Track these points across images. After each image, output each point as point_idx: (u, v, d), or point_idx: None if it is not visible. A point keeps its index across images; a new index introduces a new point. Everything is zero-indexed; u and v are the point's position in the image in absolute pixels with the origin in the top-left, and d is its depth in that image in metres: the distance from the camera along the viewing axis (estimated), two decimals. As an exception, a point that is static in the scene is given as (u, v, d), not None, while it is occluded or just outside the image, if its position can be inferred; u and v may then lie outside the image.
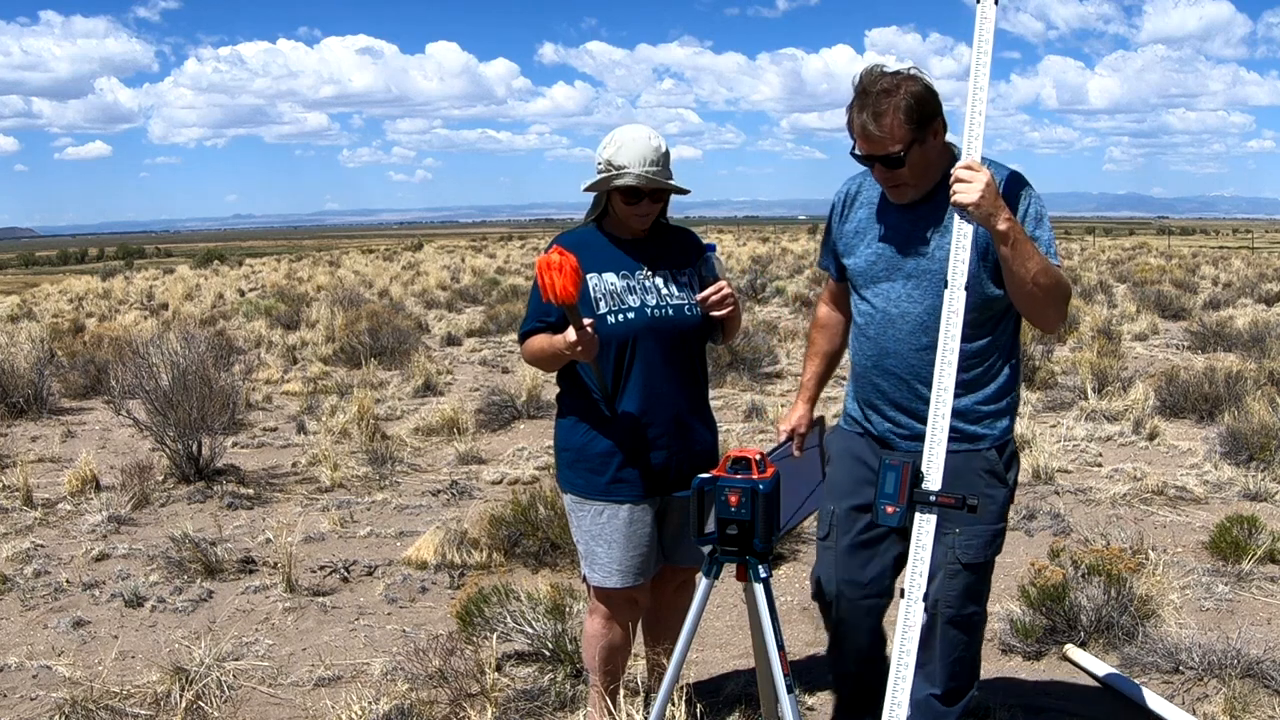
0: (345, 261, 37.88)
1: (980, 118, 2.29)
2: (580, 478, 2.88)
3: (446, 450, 7.25)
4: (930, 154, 2.44)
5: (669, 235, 2.96)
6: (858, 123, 2.41)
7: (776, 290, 19.23)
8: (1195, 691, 3.37)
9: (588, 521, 2.87)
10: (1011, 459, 2.64)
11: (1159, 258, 32.30)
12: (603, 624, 2.95)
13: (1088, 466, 6.48)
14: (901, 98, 2.37)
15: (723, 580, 2.65)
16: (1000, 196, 2.29)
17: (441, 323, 15.72)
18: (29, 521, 5.66)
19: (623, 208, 2.79)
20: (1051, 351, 10.85)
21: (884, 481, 2.23)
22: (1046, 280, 2.36)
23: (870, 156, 2.44)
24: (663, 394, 2.82)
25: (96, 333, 13.29)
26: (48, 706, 3.47)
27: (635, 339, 2.78)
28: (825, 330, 2.90)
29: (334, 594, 4.60)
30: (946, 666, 2.62)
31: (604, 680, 3.00)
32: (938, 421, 2.26)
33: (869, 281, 2.61)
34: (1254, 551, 4.50)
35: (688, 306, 2.84)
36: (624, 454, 2.81)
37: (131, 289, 25.90)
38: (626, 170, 2.72)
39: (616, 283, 2.81)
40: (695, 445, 2.89)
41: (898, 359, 2.56)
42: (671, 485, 2.85)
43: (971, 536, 2.53)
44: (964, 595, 2.57)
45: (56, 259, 74.46)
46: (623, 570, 2.84)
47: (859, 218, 2.65)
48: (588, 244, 2.85)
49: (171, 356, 6.67)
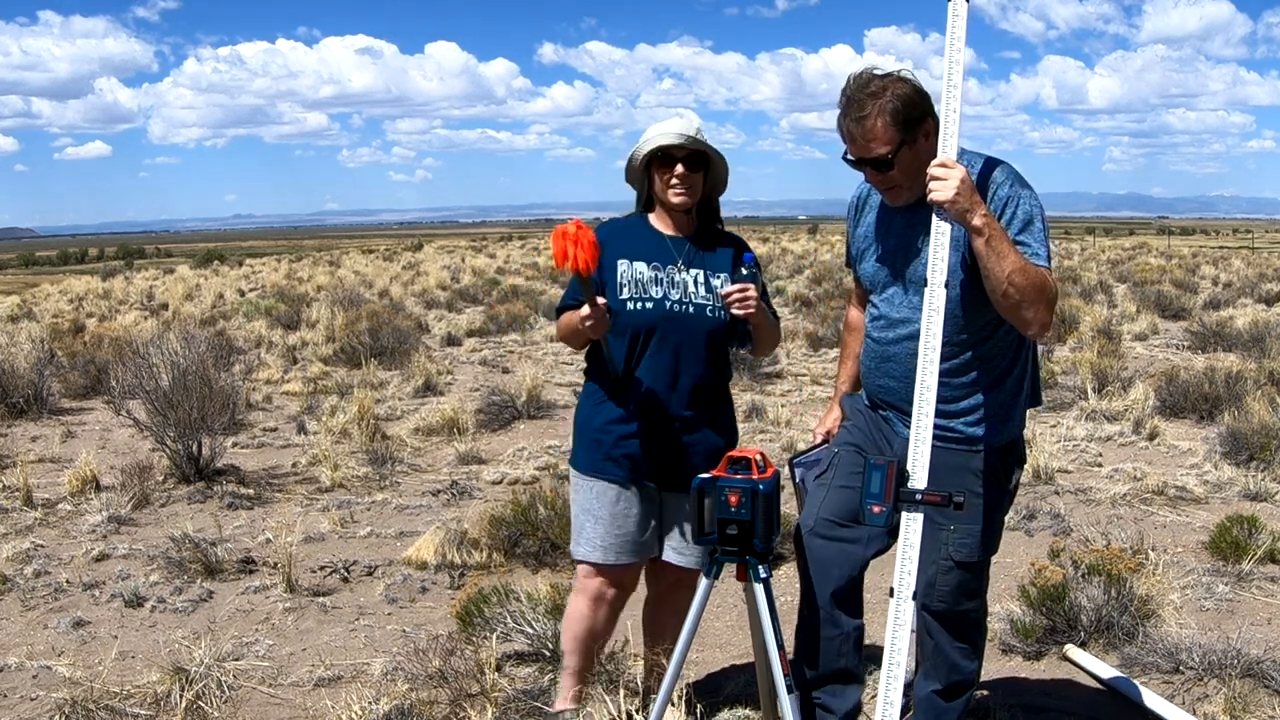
0: (345, 261, 37.88)
1: (955, 115, 2.30)
2: (582, 450, 2.96)
3: (446, 450, 7.25)
4: (922, 155, 2.43)
5: (715, 238, 2.97)
6: (846, 127, 2.44)
7: (777, 290, 19.24)
8: (1195, 691, 3.37)
9: (582, 495, 2.94)
10: (1016, 462, 2.63)
11: (1159, 258, 32.31)
12: (585, 605, 2.98)
13: (1088, 466, 6.48)
14: (888, 100, 2.38)
15: (723, 580, 2.65)
16: (976, 192, 2.30)
17: (441, 323, 15.73)
18: (29, 521, 5.66)
19: (660, 181, 2.83)
20: (1051, 351, 10.86)
21: (869, 481, 2.23)
22: (1023, 280, 2.32)
23: (860, 160, 2.46)
24: (668, 388, 2.84)
25: (96, 333, 13.29)
26: (48, 706, 3.46)
27: (650, 329, 2.83)
28: (856, 333, 2.90)
29: (334, 594, 4.60)
30: (946, 663, 2.63)
31: (576, 662, 3.03)
32: (922, 420, 2.26)
33: (875, 287, 2.66)
34: (1254, 551, 4.50)
35: (711, 308, 2.85)
36: (620, 434, 2.86)
37: (131, 289, 25.90)
38: (656, 136, 2.79)
39: (645, 272, 2.85)
40: (699, 444, 2.88)
41: (897, 364, 2.57)
42: (670, 480, 2.86)
43: (966, 535, 2.53)
44: (958, 592, 2.57)
45: (56, 259, 74.49)
46: (605, 547, 2.88)
47: (868, 222, 2.69)
48: (630, 230, 2.92)
49: (171, 357, 6.67)
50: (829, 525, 2.58)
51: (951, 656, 2.62)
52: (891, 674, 2.19)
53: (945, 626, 2.59)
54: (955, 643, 2.62)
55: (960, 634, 2.63)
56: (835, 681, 2.63)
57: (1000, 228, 2.35)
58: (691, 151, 2.80)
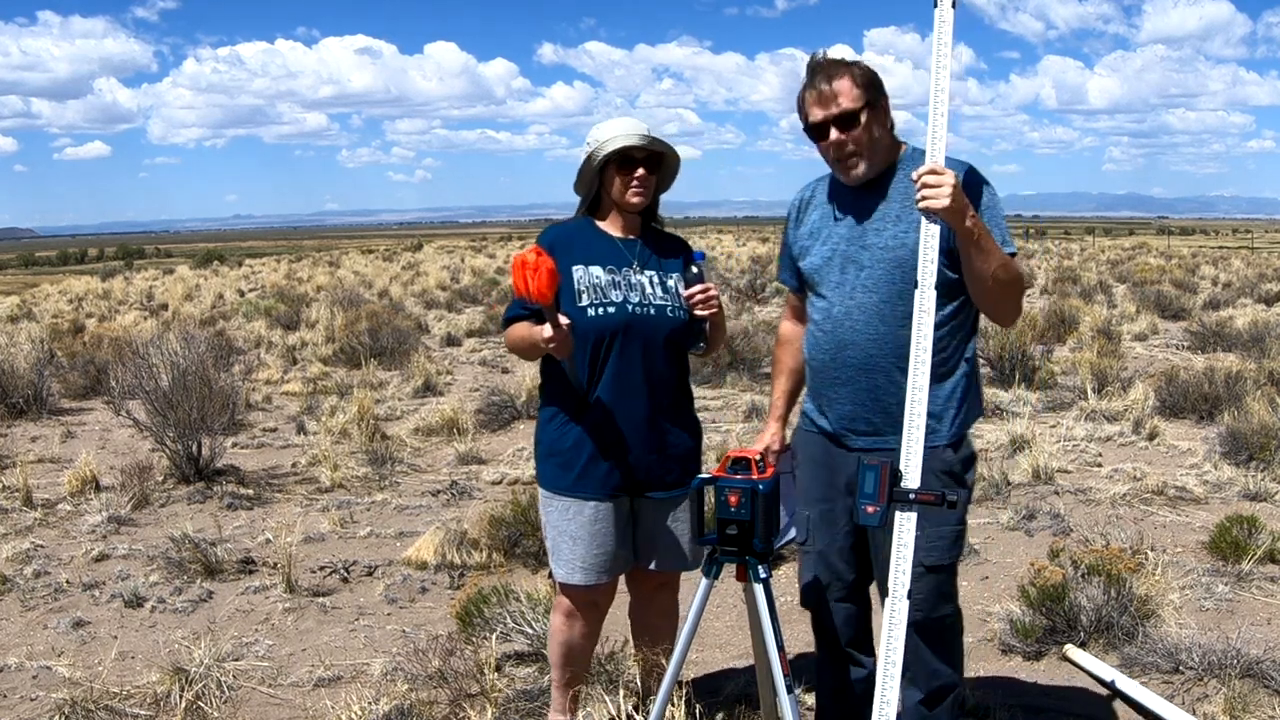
0: (345, 262, 37.90)
1: (943, 119, 2.29)
2: (550, 471, 2.89)
3: (446, 450, 7.25)
4: (882, 126, 2.53)
5: (661, 238, 2.96)
6: (813, 92, 2.50)
7: (776, 290, 19.22)
8: (1195, 691, 3.37)
9: (555, 516, 2.89)
10: (969, 460, 2.64)
11: (1159, 258, 32.32)
12: (564, 620, 2.97)
13: (1088, 466, 6.48)
14: (857, 68, 2.51)
15: (723, 580, 2.66)
16: (964, 195, 2.32)
17: (441, 323, 15.73)
18: (29, 522, 5.66)
19: (619, 183, 2.81)
20: (1051, 351, 10.86)
21: (863, 482, 2.23)
22: (1006, 276, 2.43)
23: (824, 122, 2.49)
24: (636, 393, 2.80)
25: (96, 333, 13.29)
26: (48, 707, 3.46)
27: (613, 335, 2.78)
28: (789, 346, 2.87)
29: (334, 594, 4.60)
30: (927, 670, 2.62)
31: (561, 676, 3.02)
32: (914, 420, 2.25)
33: (825, 277, 2.63)
34: (1254, 551, 4.50)
35: (670, 308, 2.83)
36: (592, 450, 2.81)
37: (131, 289, 25.91)
38: (616, 136, 2.76)
39: (602, 276, 2.81)
40: (669, 448, 2.86)
41: (855, 349, 2.56)
42: (643, 486, 2.85)
43: (936, 538, 2.54)
44: (934, 596, 2.57)
45: (56, 259, 74.44)
46: (585, 568, 2.85)
47: (813, 220, 2.69)
48: (579, 235, 2.87)
49: (171, 357, 6.67)
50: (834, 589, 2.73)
51: (931, 664, 2.62)
52: (888, 673, 2.19)
53: (923, 635, 2.59)
54: (934, 650, 2.62)
55: (938, 640, 2.63)
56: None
57: (985, 226, 2.39)
58: (650, 152, 2.80)
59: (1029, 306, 15.20)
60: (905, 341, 2.46)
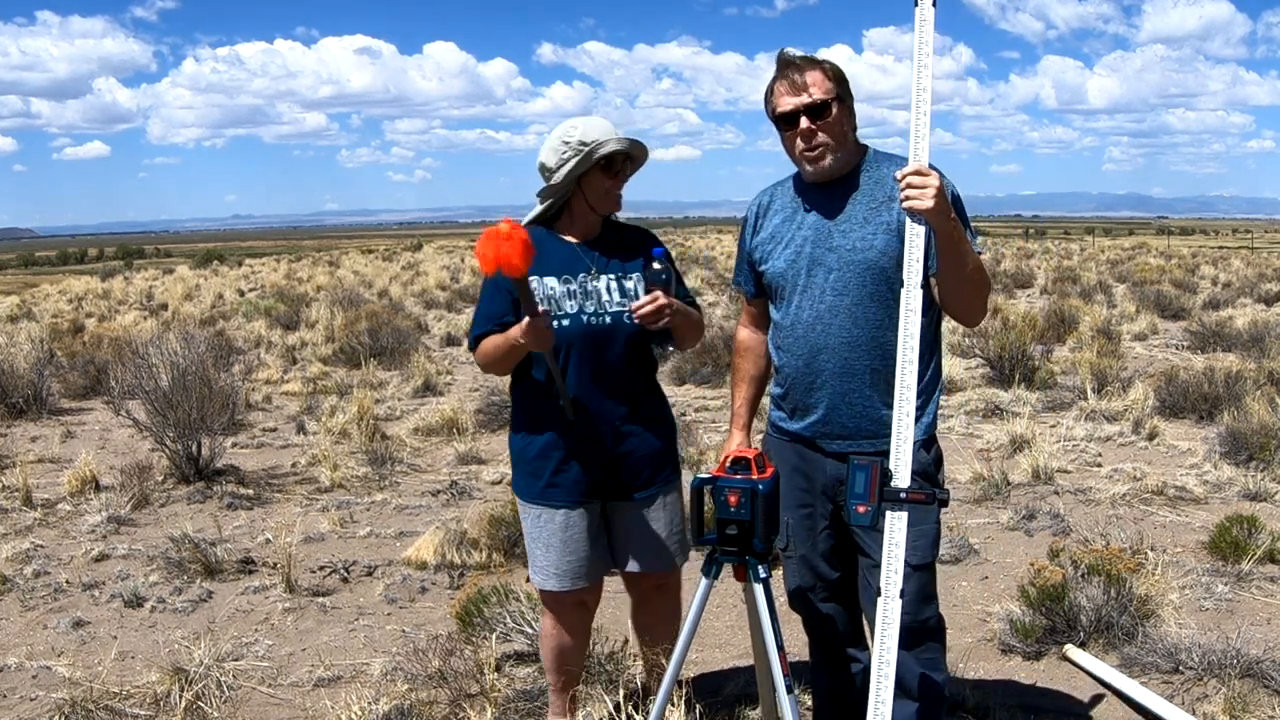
0: (345, 262, 37.89)
1: (925, 120, 2.25)
2: (520, 480, 2.91)
3: (446, 450, 7.25)
4: (849, 122, 2.55)
5: (621, 234, 2.89)
6: (784, 82, 2.51)
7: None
8: (1195, 691, 3.37)
9: (529, 523, 2.91)
10: (940, 460, 2.64)
11: (1158, 258, 32.32)
12: (550, 625, 2.99)
13: (1087, 466, 6.48)
14: (826, 63, 2.53)
15: (723, 580, 2.66)
16: (945, 196, 2.31)
17: (441, 323, 15.72)
18: (29, 522, 5.67)
19: (602, 185, 2.75)
20: (1051, 351, 10.86)
21: (853, 482, 2.23)
22: (978, 275, 2.47)
23: (794, 112, 2.48)
24: (597, 401, 2.77)
25: (96, 333, 13.29)
26: (48, 706, 3.46)
27: (569, 346, 2.74)
28: (749, 354, 2.83)
29: (334, 594, 4.60)
30: (915, 674, 2.62)
31: (556, 680, 3.03)
32: (903, 419, 2.25)
33: (791, 283, 2.59)
34: (1254, 551, 4.50)
35: (628, 314, 2.75)
36: (558, 458, 2.80)
37: (131, 289, 25.91)
38: (607, 139, 2.70)
39: (556, 287, 2.75)
40: (637, 450, 2.84)
41: (830, 354, 2.54)
42: (613, 492, 2.85)
43: (918, 537, 2.53)
44: (918, 598, 2.57)
45: (56, 259, 74.42)
46: (559, 574, 2.85)
47: (774, 224, 2.65)
48: (536, 244, 2.75)
49: (171, 357, 6.67)
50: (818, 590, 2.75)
51: (917, 669, 2.61)
52: (882, 673, 2.19)
53: (907, 639, 2.58)
54: (919, 654, 2.61)
55: (922, 644, 2.62)
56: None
57: (961, 226, 2.40)
58: (627, 155, 2.77)
59: (1029, 306, 15.21)
60: (881, 343, 2.48)
